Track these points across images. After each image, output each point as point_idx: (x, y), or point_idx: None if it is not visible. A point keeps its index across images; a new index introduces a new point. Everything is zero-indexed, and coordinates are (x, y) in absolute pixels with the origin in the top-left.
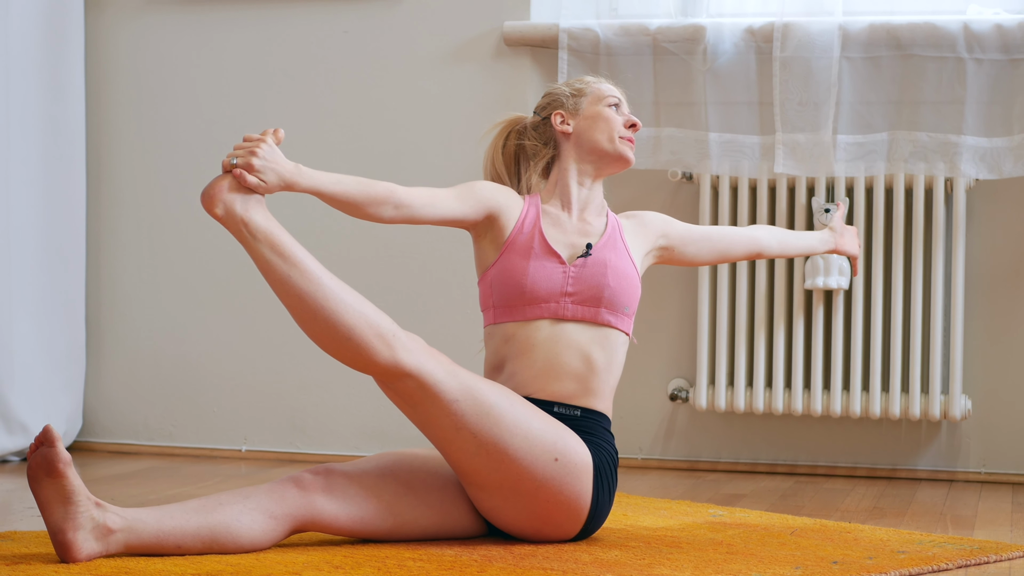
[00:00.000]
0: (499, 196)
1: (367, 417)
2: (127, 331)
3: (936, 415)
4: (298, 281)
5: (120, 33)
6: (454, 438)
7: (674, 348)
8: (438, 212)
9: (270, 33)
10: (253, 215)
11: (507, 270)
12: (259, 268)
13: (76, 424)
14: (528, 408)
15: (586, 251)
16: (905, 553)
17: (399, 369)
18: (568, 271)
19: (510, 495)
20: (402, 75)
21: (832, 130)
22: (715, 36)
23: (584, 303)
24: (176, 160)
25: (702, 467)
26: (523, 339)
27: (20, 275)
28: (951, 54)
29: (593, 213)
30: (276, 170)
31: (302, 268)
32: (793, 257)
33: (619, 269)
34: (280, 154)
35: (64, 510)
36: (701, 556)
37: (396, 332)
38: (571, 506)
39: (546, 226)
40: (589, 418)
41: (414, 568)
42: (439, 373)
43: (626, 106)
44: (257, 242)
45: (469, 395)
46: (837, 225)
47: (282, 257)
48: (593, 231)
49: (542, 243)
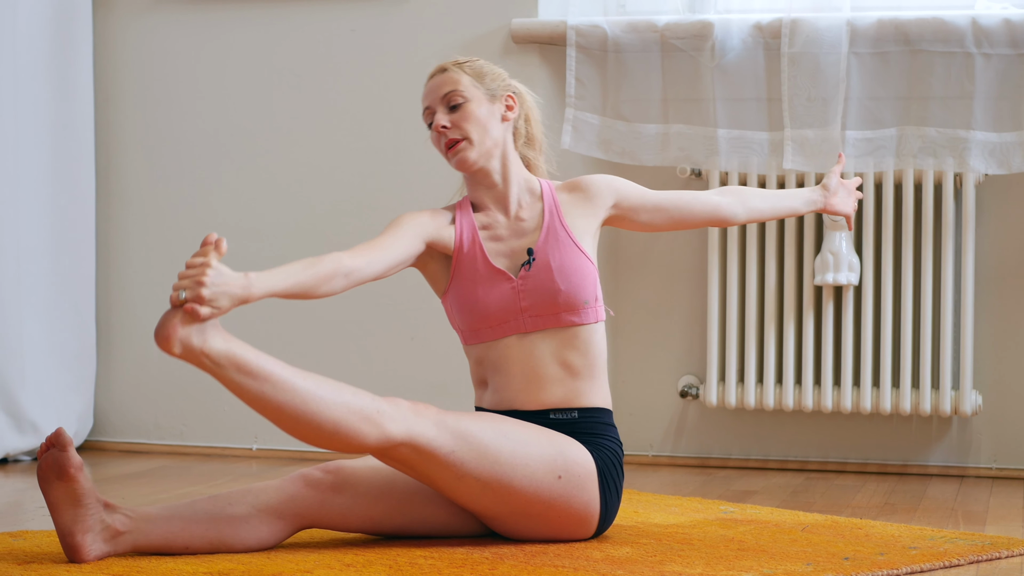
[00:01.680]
0: (427, 223)
1: None
2: (137, 330)
3: (947, 411)
4: (272, 394)
5: (128, 32)
6: (458, 485)
7: (684, 345)
8: (385, 262)
9: (277, 32)
10: (212, 344)
11: (460, 299)
12: (231, 391)
13: (87, 424)
14: (522, 432)
15: (528, 259)
16: (916, 549)
17: (391, 442)
18: (517, 286)
19: (521, 519)
20: (409, 73)
21: (841, 126)
22: (723, 32)
23: (542, 313)
24: (185, 159)
25: (713, 464)
26: (496, 358)
27: (30, 275)
28: (959, 49)
29: (525, 204)
30: (227, 292)
31: (273, 380)
32: (773, 219)
33: (566, 267)
34: (227, 272)
35: (74, 512)
36: (712, 553)
37: (379, 407)
38: (582, 515)
39: (485, 240)
40: (587, 418)
41: (425, 566)
42: (429, 431)
43: (440, 104)
44: (222, 368)
45: (463, 442)
46: (831, 182)
47: (251, 376)
48: (529, 227)
49: (485, 264)
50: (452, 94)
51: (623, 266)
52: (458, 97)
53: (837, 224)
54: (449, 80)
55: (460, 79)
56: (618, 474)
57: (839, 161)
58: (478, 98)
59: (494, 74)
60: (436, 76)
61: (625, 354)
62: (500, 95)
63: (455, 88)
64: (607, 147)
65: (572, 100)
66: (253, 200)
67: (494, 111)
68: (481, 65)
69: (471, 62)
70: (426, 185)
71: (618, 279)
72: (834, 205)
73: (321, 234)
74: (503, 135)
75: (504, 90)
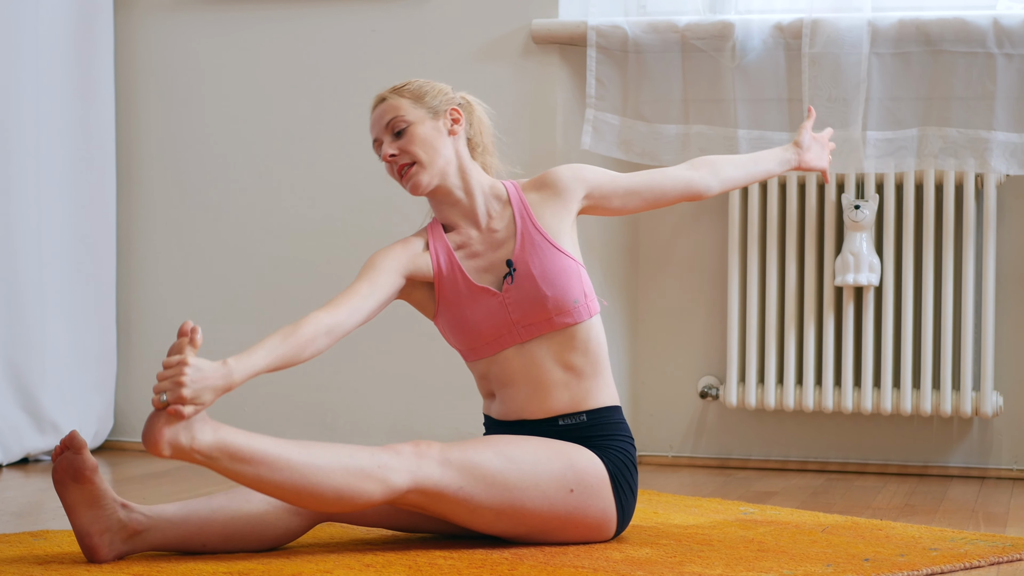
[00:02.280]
0: (400, 256)
1: (398, 414)
2: (157, 331)
3: (967, 412)
4: (270, 476)
5: (149, 34)
6: (472, 518)
7: (704, 345)
8: (366, 308)
9: (298, 32)
10: (201, 440)
11: (451, 322)
12: (229, 479)
13: (107, 424)
14: (529, 451)
15: (509, 270)
16: (937, 550)
17: (397, 493)
18: (504, 299)
19: (540, 536)
20: (430, 74)
21: (862, 126)
22: (744, 33)
23: (535, 321)
24: (206, 160)
25: (732, 464)
26: (498, 372)
27: (51, 276)
28: (981, 49)
29: (495, 213)
30: (208, 386)
31: (268, 462)
32: (750, 184)
33: (548, 271)
34: (205, 366)
35: (91, 514)
36: (732, 554)
37: (379, 461)
38: (600, 522)
39: (462, 259)
40: (596, 419)
41: (444, 566)
42: (434, 473)
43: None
44: (216, 461)
45: (470, 476)
46: (803, 139)
47: (245, 462)
48: (504, 237)
49: (467, 284)
50: (395, 120)
51: (643, 267)
52: (400, 122)
53: (858, 225)
54: (390, 108)
55: (400, 104)
56: (631, 474)
57: (809, 116)
58: (421, 118)
59: (435, 91)
60: (377, 107)
61: (645, 354)
62: (443, 110)
63: (396, 114)
64: (627, 148)
65: (592, 101)
66: (274, 201)
67: (439, 127)
68: (420, 85)
69: (408, 85)
70: None
71: (638, 280)
72: (808, 161)
73: (343, 234)
74: (454, 149)
75: (447, 104)
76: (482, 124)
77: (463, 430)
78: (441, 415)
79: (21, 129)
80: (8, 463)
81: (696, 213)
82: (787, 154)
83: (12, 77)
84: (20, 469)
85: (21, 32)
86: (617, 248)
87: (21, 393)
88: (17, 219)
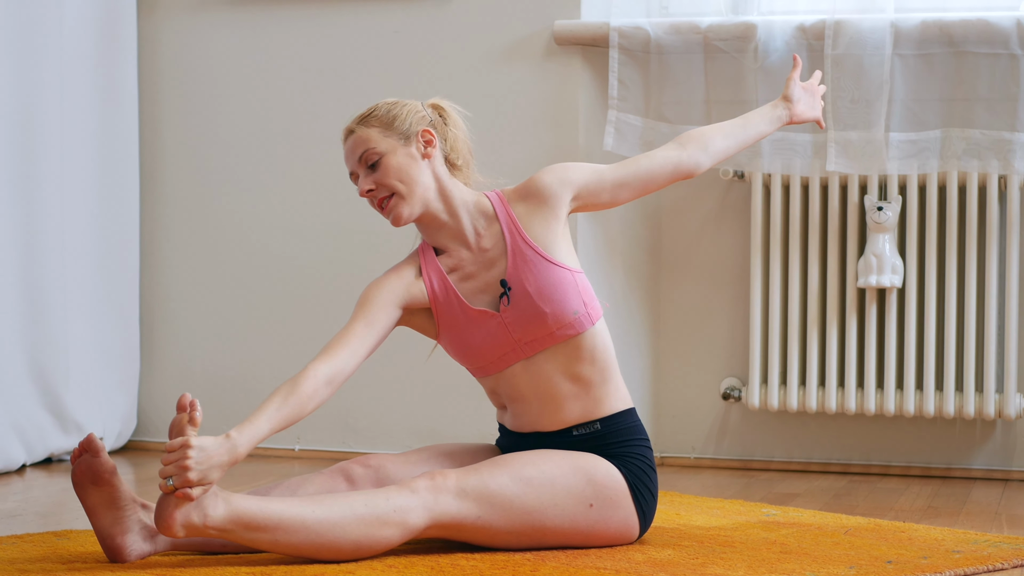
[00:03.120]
0: (395, 287)
1: (419, 416)
2: (180, 331)
3: (991, 414)
4: (287, 539)
5: (172, 35)
6: (494, 542)
7: (726, 347)
8: (365, 348)
9: (320, 33)
10: (213, 516)
11: (453, 344)
12: (246, 547)
13: (131, 424)
14: (545, 470)
15: (504, 291)
16: (960, 553)
17: (416, 532)
18: (503, 320)
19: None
20: (452, 75)
21: (884, 128)
22: (766, 34)
23: (537, 338)
24: (228, 161)
25: (755, 466)
26: (507, 388)
27: (75, 276)
28: (1004, 50)
29: (483, 231)
30: (214, 464)
31: (284, 526)
32: (744, 149)
33: (544, 287)
34: (208, 444)
35: (112, 515)
36: (755, 555)
37: (395, 505)
38: (622, 531)
39: (456, 283)
40: (611, 427)
41: (467, 567)
42: (451, 506)
43: (360, 168)
44: (231, 533)
45: (487, 504)
46: (792, 91)
47: (260, 530)
48: (495, 254)
49: (463, 309)
50: (367, 154)
51: (665, 268)
52: (373, 155)
53: (881, 226)
54: (359, 140)
55: (369, 136)
56: (650, 479)
57: (795, 65)
58: (392, 148)
59: (403, 114)
60: (347, 140)
61: (667, 356)
62: (414, 133)
63: (367, 147)
64: (649, 149)
65: (615, 102)
66: (295, 201)
67: (412, 154)
68: (387, 110)
69: (374, 112)
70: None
71: (660, 281)
72: (801, 114)
73: (362, 234)
74: (432, 173)
75: (417, 126)
76: (456, 138)
77: (484, 432)
78: (462, 417)
79: (45, 130)
80: (32, 463)
81: (719, 214)
82: (777, 111)
83: (36, 79)
84: (44, 469)
85: (45, 34)
86: (640, 249)
87: (45, 393)
88: (41, 220)
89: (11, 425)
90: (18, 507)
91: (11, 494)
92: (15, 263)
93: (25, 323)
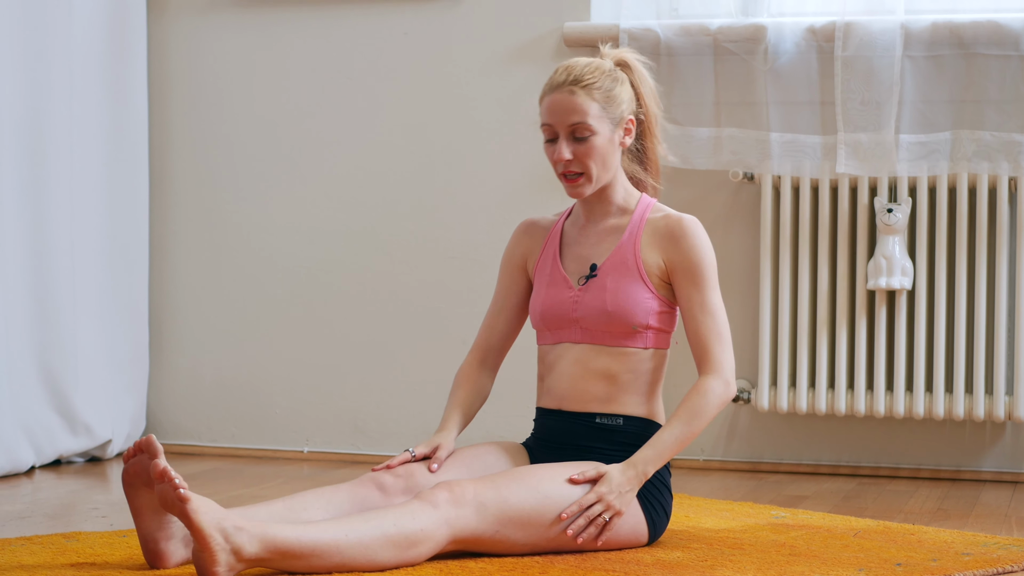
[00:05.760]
0: (519, 248)
1: (429, 418)
2: (190, 333)
3: (1000, 416)
4: (320, 564)
5: (181, 36)
6: (510, 552)
7: (736, 349)
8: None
9: (330, 35)
10: (248, 551)
11: (534, 296)
12: (284, 570)
13: (139, 426)
14: (562, 483)
15: (590, 272)
16: (970, 555)
17: (441, 548)
18: (575, 296)
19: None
20: (462, 77)
21: (894, 129)
22: (776, 36)
23: (591, 328)
24: (238, 163)
25: (764, 468)
26: (552, 360)
27: (84, 278)
28: (1015, 52)
29: (612, 219)
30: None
31: (318, 552)
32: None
33: (620, 292)
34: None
35: (157, 520)
36: (764, 558)
37: (420, 526)
38: (631, 537)
39: (566, 245)
40: (633, 427)
41: (476, 569)
42: (471, 522)
43: (565, 131)
44: (269, 562)
45: (505, 519)
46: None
47: (296, 557)
48: (607, 242)
49: (555, 269)
50: (580, 127)
51: None
52: (585, 131)
53: (891, 228)
54: (578, 108)
55: (589, 109)
56: (662, 494)
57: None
58: (604, 131)
59: (620, 96)
60: (563, 95)
61: (676, 357)
62: (623, 120)
63: (583, 120)
64: None
65: None
66: (306, 203)
67: (615, 140)
68: (610, 87)
69: (600, 83)
70: (479, 187)
71: None
72: None
73: (374, 237)
74: (618, 160)
75: (628, 114)
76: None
77: (495, 433)
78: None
79: (54, 131)
80: (41, 464)
81: (728, 216)
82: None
83: (46, 80)
84: (53, 471)
85: (54, 36)
86: None
87: (54, 394)
88: (50, 221)
89: (20, 427)
90: (27, 509)
91: (20, 496)
92: (24, 265)
93: (34, 325)
